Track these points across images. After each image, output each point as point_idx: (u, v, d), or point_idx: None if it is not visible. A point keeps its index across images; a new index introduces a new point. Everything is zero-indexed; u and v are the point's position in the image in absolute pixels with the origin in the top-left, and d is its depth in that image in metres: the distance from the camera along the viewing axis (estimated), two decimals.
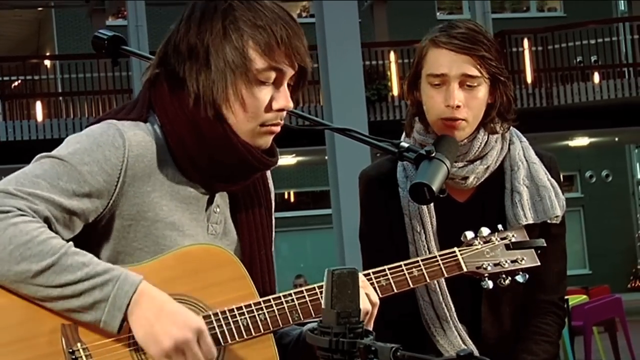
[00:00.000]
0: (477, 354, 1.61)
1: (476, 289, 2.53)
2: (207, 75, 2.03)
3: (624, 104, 18.18)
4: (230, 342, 2.02)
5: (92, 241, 2.05)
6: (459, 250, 2.35)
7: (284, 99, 2.07)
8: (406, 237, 2.64)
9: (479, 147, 2.60)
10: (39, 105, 18.34)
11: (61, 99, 18.92)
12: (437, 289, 2.61)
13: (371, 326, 2.14)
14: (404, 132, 2.70)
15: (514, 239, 2.40)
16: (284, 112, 2.09)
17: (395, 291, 2.24)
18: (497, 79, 2.58)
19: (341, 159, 11.55)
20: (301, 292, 2.11)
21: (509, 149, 2.68)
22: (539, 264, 2.42)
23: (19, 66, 19.48)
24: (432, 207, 2.62)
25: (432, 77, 2.57)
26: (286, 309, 2.08)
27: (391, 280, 2.24)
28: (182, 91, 2.06)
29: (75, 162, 1.99)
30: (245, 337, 2.04)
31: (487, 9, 19.27)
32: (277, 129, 2.10)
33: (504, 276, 2.38)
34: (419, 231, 2.62)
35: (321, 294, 2.07)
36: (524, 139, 2.72)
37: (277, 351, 2.08)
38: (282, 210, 22.51)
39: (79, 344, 1.94)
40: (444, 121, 2.56)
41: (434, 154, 2.25)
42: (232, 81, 2.03)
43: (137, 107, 2.10)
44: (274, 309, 2.07)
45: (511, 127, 2.69)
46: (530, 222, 2.60)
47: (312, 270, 17.18)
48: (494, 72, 2.57)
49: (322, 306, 1.69)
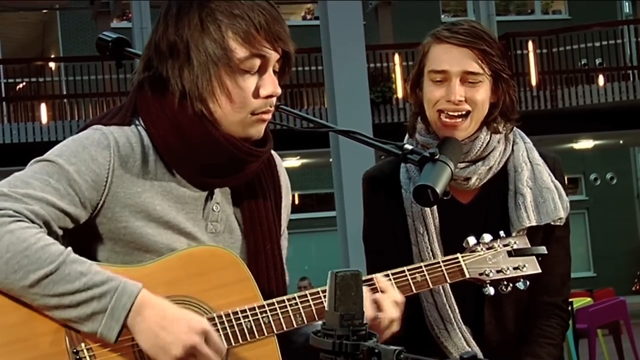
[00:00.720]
0: (480, 356, 1.61)
1: (480, 291, 2.53)
2: (190, 70, 2.02)
3: (629, 107, 18.16)
4: (233, 344, 2.02)
5: (89, 244, 2.05)
6: (462, 256, 2.34)
7: (272, 85, 2.05)
8: (409, 239, 2.63)
9: (481, 147, 2.59)
10: (43, 107, 18.35)
11: (66, 101, 18.92)
12: (441, 291, 2.61)
13: (399, 324, 2.16)
14: (407, 133, 2.69)
15: (516, 246, 2.40)
16: (273, 99, 2.07)
17: None
18: (500, 77, 2.57)
19: (345, 161, 11.54)
20: (305, 296, 2.11)
21: (512, 150, 2.67)
22: (540, 271, 2.40)
23: (23, 68, 19.50)
24: (435, 208, 2.61)
25: (433, 73, 2.56)
26: (290, 312, 2.09)
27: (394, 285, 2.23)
28: (165, 93, 2.05)
29: (62, 162, 2.00)
30: (248, 339, 2.04)
31: (491, 11, 19.28)
32: (268, 116, 2.08)
33: (506, 283, 2.38)
34: (422, 233, 2.62)
35: (325, 297, 2.08)
36: (528, 140, 2.71)
37: (280, 354, 2.08)
38: None
39: (82, 344, 1.94)
40: (443, 117, 2.54)
41: (437, 156, 2.25)
42: (216, 74, 2.01)
43: (120, 112, 2.10)
44: (278, 312, 2.07)
45: (515, 128, 2.68)
46: (533, 224, 2.60)
47: (316, 272, 17.16)
48: (496, 68, 2.56)
49: (326, 308, 1.69)
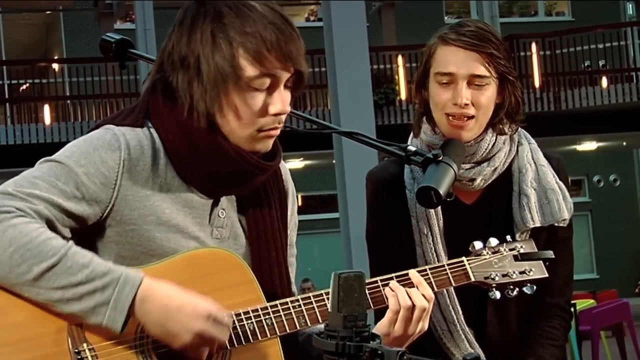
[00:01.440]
0: (483, 358, 1.62)
1: (483, 292, 2.53)
2: (199, 84, 2.01)
3: (632, 109, 18.15)
4: (236, 345, 2.02)
5: (95, 248, 2.05)
6: (467, 259, 2.33)
7: (281, 104, 2.03)
8: (413, 239, 2.63)
9: (487, 148, 2.59)
10: (47, 108, 18.36)
11: (69, 102, 18.94)
12: (444, 292, 2.60)
13: (427, 322, 2.18)
14: (412, 133, 2.69)
15: (522, 250, 2.38)
16: (282, 116, 2.06)
17: None
18: (506, 79, 2.57)
19: (349, 162, 11.54)
20: (308, 298, 2.11)
21: (517, 151, 2.67)
22: (547, 275, 2.39)
23: (27, 70, 19.53)
24: (439, 209, 2.61)
25: (440, 75, 2.55)
26: (293, 314, 2.08)
27: None
28: (175, 100, 2.05)
29: (72, 164, 2.00)
30: (251, 341, 2.04)
31: (495, 12, 19.28)
32: (276, 132, 2.08)
33: (512, 287, 2.36)
34: (425, 234, 2.62)
35: (328, 299, 2.07)
36: (532, 141, 2.71)
37: (284, 356, 2.08)
38: None
39: (85, 344, 1.94)
40: (450, 118, 2.54)
41: (441, 158, 2.25)
42: (224, 90, 2.00)
43: (133, 113, 2.10)
44: (281, 313, 2.07)
45: (520, 129, 2.68)
46: (537, 225, 2.59)
47: (319, 273, 17.15)
48: (503, 71, 2.55)
49: (329, 310, 1.69)
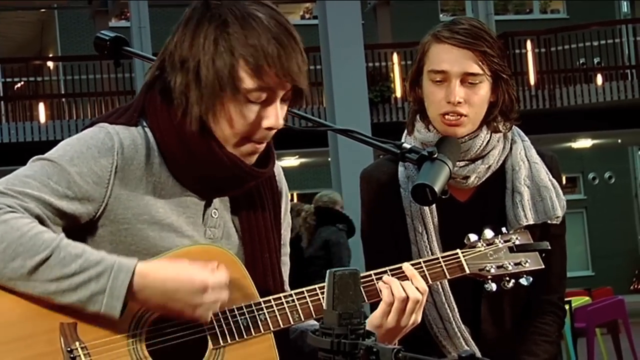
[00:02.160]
0: (479, 355, 1.62)
1: (477, 290, 2.53)
2: (196, 89, 2.01)
3: (627, 106, 18.18)
4: (230, 342, 2.02)
5: (89, 246, 2.04)
6: (462, 252, 2.32)
7: (274, 118, 2.03)
8: (408, 238, 2.63)
9: (481, 146, 2.59)
10: (41, 106, 18.35)
11: (64, 100, 18.92)
12: (440, 290, 2.61)
13: (420, 315, 2.19)
14: (406, 130, 2.69)
15: (517, 242, 2.38)
16: (273, 131, 2.06)
17: None
18: (500, 77, 2.57)
19: (344, 160, 11.56)
20: (302, 293, 2.11)
21: (510, 148, 2.67)
22: (543, 266, 2.39)
23: (21, 68, 19.50)
24: (434, 207, 2.61)
25: (433, 73, 2.55)
26: (286, 309, 2.08)
27: None
28: (172, 101, 2.05)
29: (64, 163, 2.00)
30: (245, 337, 2.03)
31: (490, 10, 19.30)
32: (262, 146, 2.08)
33: (508, 279, 2.36)
34: (420, 232, 2.62)
35: (322, 294, 2.08)
36: (526, 138, 2.71)
37: (278, 352, 2.08)
38: None
39: (77, 343, 1.93)
40: (445, 116, 2.54)
41: (436, 155, 2.25)
42: (220, 98, 2.00)
43: (128, 112, 2.09)
44: (274, 309, 2.07)
45: (513, 127, 2.68)
46: (530, 222, 2.59)
47: None
48: (496, 69, 2.55)
49: (324, 307, 1.69)
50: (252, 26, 1.99)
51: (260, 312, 2.06)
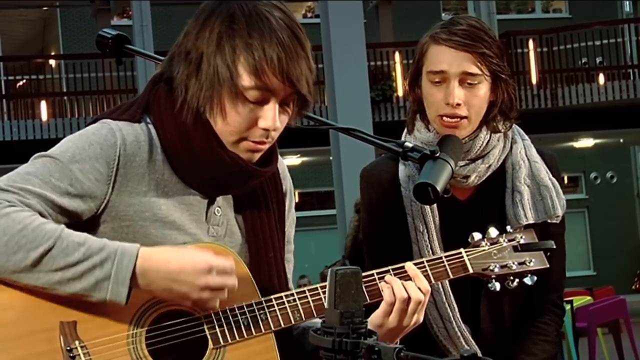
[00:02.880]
0: (480, 355, 1.61)
1: (477, 289, 2.53)
2: (196, 81, 2.01)
3: (629, 105, 18.17)
4: (230, 341, 2.02)
5: None
6: (465, 251, 2.31)
7: (271, 119, 2.02)
8: (409, 237, 2.63)
9: (481, 146, 2.59)
10: (43, 104, 18.35)
11: (66, 98, 18.92)
12: (440, 289, 2.61)
13: (422, 315, 2.18)
14: (406, 129, 2.69)
15: (522, 241, 2.36)
16: (272, 132, 2.04)
17: None
18: (499, 77, 2.57)
19: (346, 159, 11.56)
20: (303, 292, 2.10)
21: (511, 147, 2.66)
22: (548, 266, 2.38)
23: (23, 66, 19.50)
24: (435, 206, 2.61)
25: (432, 74, 2.55)
26: (288, 308, 2.08)
27: None
28: (176, 96, 2.05)
29: (66, 160, 2.00)
30: (245, 336, 2.03)
31: (492, 9, 19.28)
32: (262, 147, 2.06)
33: (512, 278, 2.35)
34: (421, 231, 2.62)
35: (323, 293, 2.07)
36: (526, 137, 2.71)
37: (280, 350, 2.07)
38: None
39: (77, 342, 1.93)
40: (444, 119, 2.54)
41: (438, 154, 2.24)
42: (218, 93, 2.00)
43: (132, 108, 2.09)
44: (275, 308, 2.07)
45: (514, 126, 2.68)
46: (530, 222, 2.59)
47: (316, 270, 17.18)
48: (495, 69, 2.55)
49: (326, 306, 1.68)
50: (259, 26, 1.99)
51: (261, 311, 2.05)
